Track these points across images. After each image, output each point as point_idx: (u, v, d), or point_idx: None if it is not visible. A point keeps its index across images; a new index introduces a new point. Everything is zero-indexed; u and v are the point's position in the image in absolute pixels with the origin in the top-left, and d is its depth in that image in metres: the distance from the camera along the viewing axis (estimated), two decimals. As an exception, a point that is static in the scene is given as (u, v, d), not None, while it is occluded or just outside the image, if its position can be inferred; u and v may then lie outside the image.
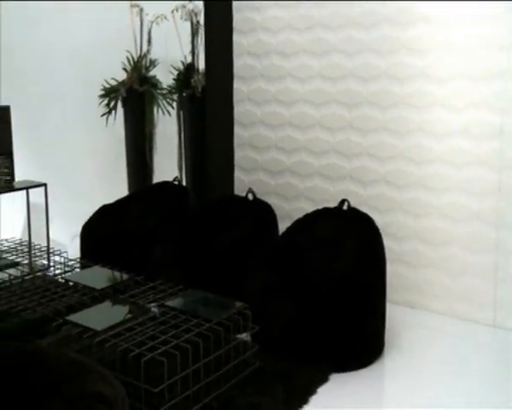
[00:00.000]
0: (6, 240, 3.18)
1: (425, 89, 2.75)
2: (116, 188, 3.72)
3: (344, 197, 2.62)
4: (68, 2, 3.81)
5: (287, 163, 3.29)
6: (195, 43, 3.83)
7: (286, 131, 3.28)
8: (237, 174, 3.49)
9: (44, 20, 3.75)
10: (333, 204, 2.64)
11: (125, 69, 3.81)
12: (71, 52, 3.92)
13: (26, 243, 3.10)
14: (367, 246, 2.42)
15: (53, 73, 3.86)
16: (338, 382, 2.17)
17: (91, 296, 2.40)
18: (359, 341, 2.30)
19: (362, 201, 2.93)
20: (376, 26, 2.87)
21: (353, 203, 2.60)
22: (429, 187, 2.78)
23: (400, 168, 2.86)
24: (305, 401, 2.03)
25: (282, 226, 2.81)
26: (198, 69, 3.81)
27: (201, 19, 3.70)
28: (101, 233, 3.01)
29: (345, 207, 2.57)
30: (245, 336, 2.24)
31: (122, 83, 3.78)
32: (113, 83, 3.79)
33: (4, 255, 2.95)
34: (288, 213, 3.20)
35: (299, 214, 2.70)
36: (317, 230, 2.52)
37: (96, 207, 3.14)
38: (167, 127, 3.87)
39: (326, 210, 2.61)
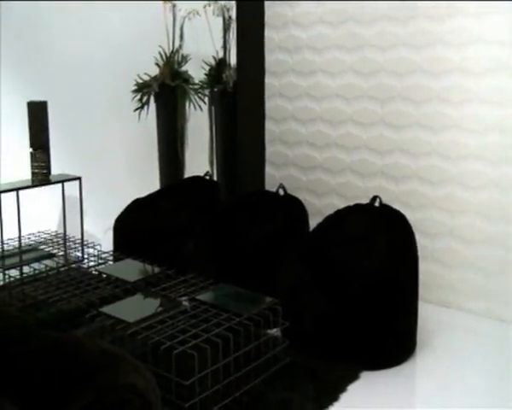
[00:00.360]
0: (43, 232, 3.25)
1: (461, 84, 2.69)
2: (148, 182, 3.76)
3: (376, 194, 2.59)
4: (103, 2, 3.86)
5: (318, 159, 3.27)
6: (227, 38, 3.84)
7: (317, 126, 3.27)
8: (268, 170, 3.49)
9: (80, 16, 3.81)
10: (364, 200, 2.61)
11: (157, 64, 3.84)
12: (105, 47, 3.97)
13: (61, 235, 3.16)
14: (399, 243, 2.39)
15: (87, 68, 3.92)
16: (369, 380, 2.16)
17: (124, 289, 2.44)
18: (391, 339, 2.27)
19: (394, 197, 2.89)
20: (411, 20, 2.82)
21: (385, 200, 2.57)
22: (464, 184, 2.73)
23: (434, 164, 2.82)
24: (335, 398, 2.02)
25: (313, 222, 2.80)
26: (229, 64, 3.82)
27: (233, 14, 3.71)
28: (134, 227, 3.05)
29: (376, 203, 2.54)
30: (275, 331, 2.24)
31: (154, 78, 3.82)
32: (146, 78, 3.83)
33: (41, 247, 3.03)
34: (319, 209, 3.18)
35: (331, 210, 2.68)
36: (349, 226, 2.50)
37: (129, 201, 3.19)
38: (199, 122, 3.89)
39: (357, 206, 2.59)
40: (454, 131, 2.74)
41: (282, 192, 3.00)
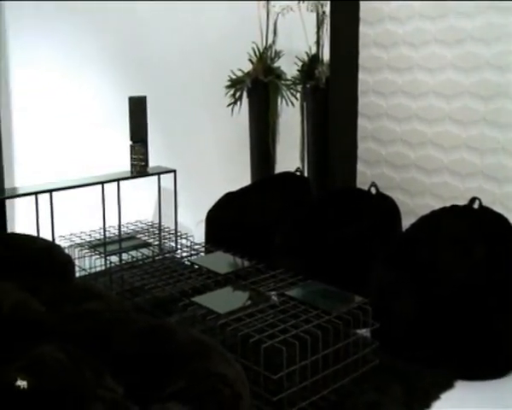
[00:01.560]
0: (140, 221, 3.41)
1: None
2: (239, 176, 3.82)
3: (475, 195, 2.47)
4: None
5: (412, 157, 3.17)
6: (320, 34, 3.81)
7: (412, 124, 3.16)
8: (360, 167, 3.43)
9: (176, 13, 3.93)
10: (462, 202, 2.50)
11: (250, 60, 3.89)
12: (200, 43, 4.06)
13: (156, 226, 3.29)
14: (500, 248, 2.27)
15: (183, 63, 4.04)
16: (464, 390, 2.06)
17: (215, 280, 2.50)
18: (490, 349, 2.15)
19: (495, 199, 2.73)
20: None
21: (485, 202, 2.44)
22: None
23: (542, 166, 2.64)
24: (426, 405, 1.95)
25: (406, 223, 2.72)
26: (322, 60, 3.79)
27: (327, 9, 3.67)
28: (225, 220, 3.12)
29: (475, 205, 2.42)
30: (364, 331, 2.21)
31: (248, 74, 3.87)
32: (239, 74, 3.89)
33: (138, 236, 3.17)
34: (412, 210, 3.08)
35: (425, 211, 2.59)
36: (444, 228, 2.41)
37: (221, 195, 3.26)
38: (290, 118, 3.90)
39: (454, 208, 2.48)
40: None
41: (374, 190, 2.94)
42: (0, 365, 1.44)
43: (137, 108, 3.21)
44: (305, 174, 3.77)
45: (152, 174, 3.22)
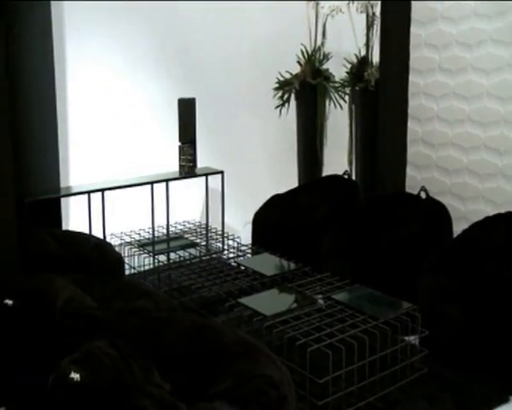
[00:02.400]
0: (187, 221, 3.45)
1: None
2: (287, 178, 3.81)
3: (531, 202, 2.38)
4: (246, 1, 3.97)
5: (464, 161, 3.09)
6: (370, 35, 3.76)
7: (465, 127, 3.08)
8: (409, 171, 3.36)
9: (224, 15, 3.96)
10: (517, 208, 2.42)
11: (299, 62, 3.88)
12: (248, 45, 4.08)
13: (203, 226, 3.33)
14: (558, 258, 2.18)
15: (231, 65, 4.07)
16: (520, 405, 1.98)
17: (261, 282, 2.51)
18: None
19: (553, 206, 2.63)
20: None
21: (543, 209, 2.36)
22: None
23: None
24: (479, 417, 1.90)
25: (457, 229, 2.65)
26: (372, 62, 3.74)
27: (377, 10, 3.62)
28: (272, 222, 3.12)
29: (533, 212, 2.34)
30: (413, 338, 2.17)
31: (296, 76, 3.86)
32: (288, 76, 3.88)
33: (186, 235, 3.22)
34: (464, 215, 3.00)
35: (477, 217, 2.52)
36: (498, 236, 2.33)
37: (268, 197, 3.27)
38: (338, 121, 3.87)
39: (510, 214, 2.40)
40: None
41: (423, 195, 2.89)
42: (55, 357, 1.49)
43: (186, 109, 3.26)
44: (353, 178, 3.72)
45: (200, 175, 3.26)
